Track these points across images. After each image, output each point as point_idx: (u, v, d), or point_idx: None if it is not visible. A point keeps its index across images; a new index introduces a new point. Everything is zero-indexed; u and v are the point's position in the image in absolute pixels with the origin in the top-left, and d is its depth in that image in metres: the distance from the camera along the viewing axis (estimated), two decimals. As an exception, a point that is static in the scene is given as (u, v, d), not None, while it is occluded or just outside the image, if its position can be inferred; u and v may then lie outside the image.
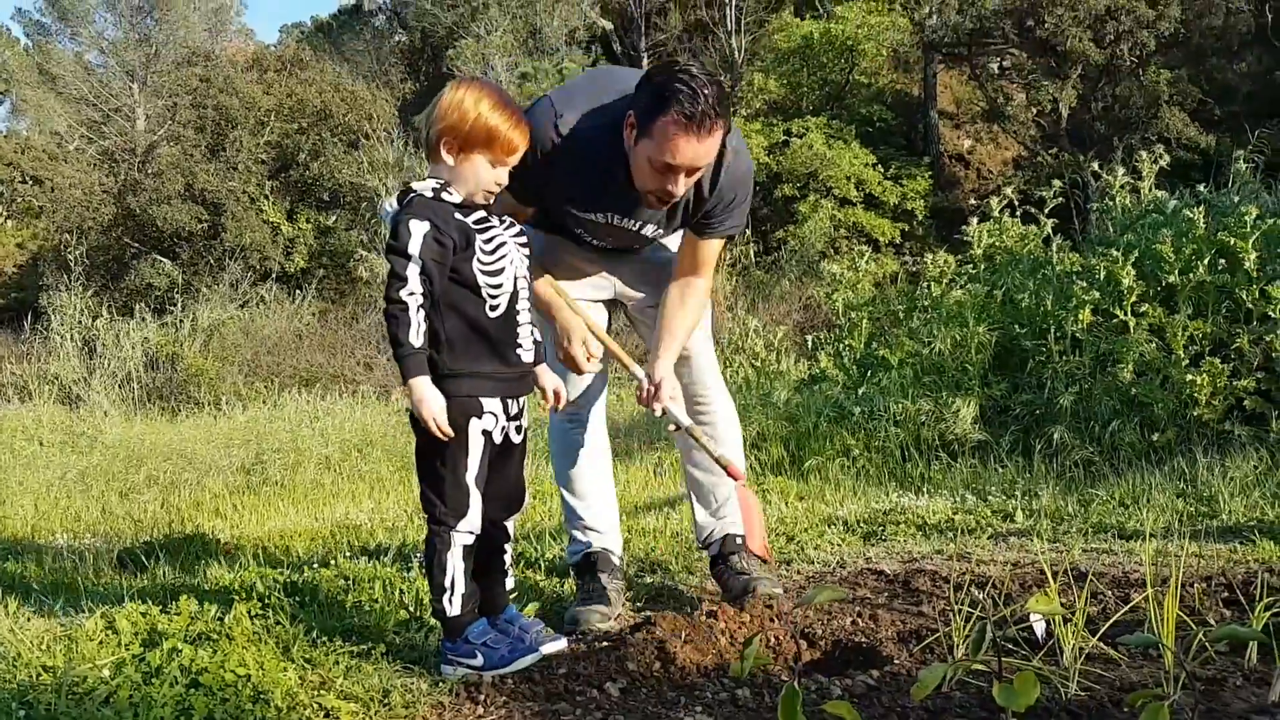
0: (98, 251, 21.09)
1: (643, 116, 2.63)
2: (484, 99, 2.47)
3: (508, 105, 2.50)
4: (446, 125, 2.48)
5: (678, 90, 2.55)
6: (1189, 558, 3.16)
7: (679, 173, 2.65)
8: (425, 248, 2.40)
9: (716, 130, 2.60)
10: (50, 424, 10.48)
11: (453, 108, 2.47)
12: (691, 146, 2.59)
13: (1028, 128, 21.30)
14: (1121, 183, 7.50)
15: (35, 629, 3.11)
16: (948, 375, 6.34)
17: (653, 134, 2.60)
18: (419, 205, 2.46)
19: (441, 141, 2.49)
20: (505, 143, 2.49)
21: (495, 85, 2.58)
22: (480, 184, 2.51)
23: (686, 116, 2.54)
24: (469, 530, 2.52)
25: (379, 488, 6.64)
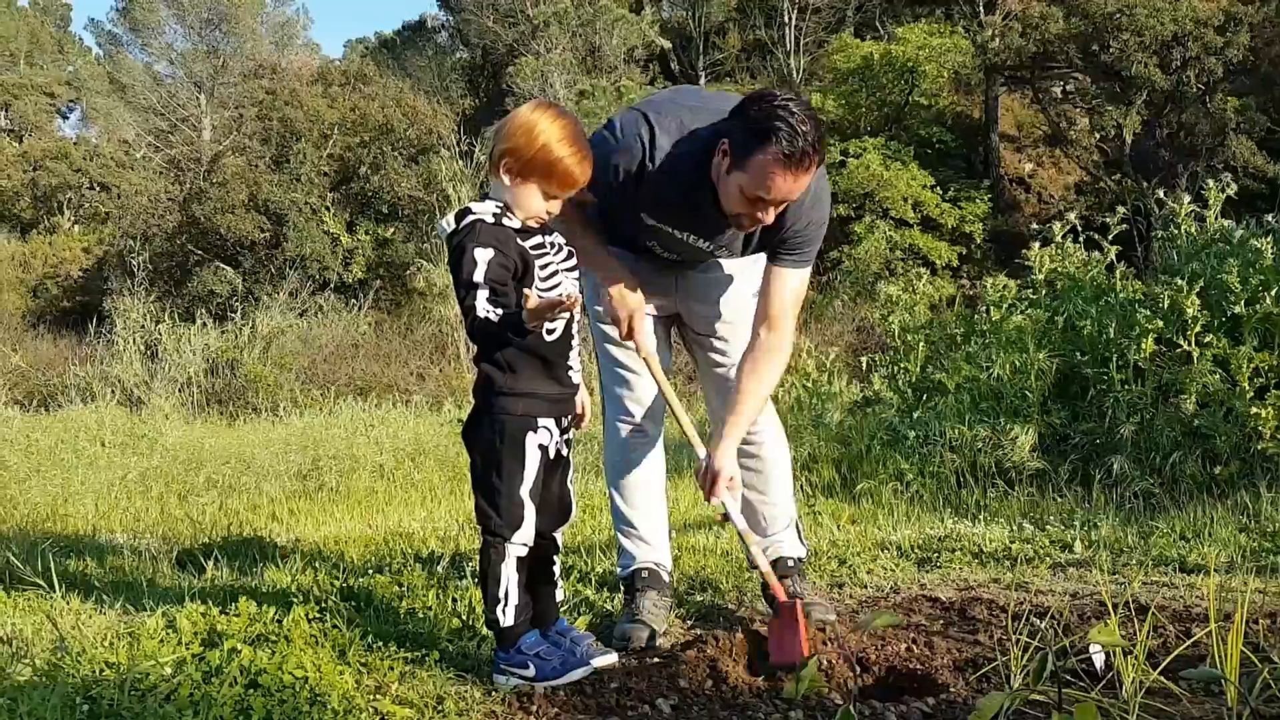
0: (161, 258, 21.57)
1: (739, 148, 2.59)
2: (554, 128, 2.46)
3: (577, 139, 2.49)
4: (511, 146, 2.48)
5: (777, 127, 2.51)
6: (1252, 593, 3.09)
7: (770, 205, 2.63)
8: (490, 273, 2.42)
9: (814, 168, 2.58)
10: (112, 425, 10.70)
11: (522, 130, 2.47)
12: (787, 183, 2.57)
13: (1090, 153, 21.07)
14: (1187, 210, 7.37)
15: (98, 625, 3.18)
16: (1006, 401, 6.26)
17: (748, 167, 2.57)
18: (483, 232, 2.47)
19: (503, 161, 2.50)
20: (563, 177, 2.49)
21: (571, 116, 2.55)
22: (532, 211, 2.53)
23: (785, 155, 2.51)
24: (523, 542, 2.55)
25: (431, 497, 6.69)
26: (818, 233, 2.92)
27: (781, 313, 2.93)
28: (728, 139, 2.64)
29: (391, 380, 14.90)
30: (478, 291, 2.40)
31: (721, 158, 2.66)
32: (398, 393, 13.74)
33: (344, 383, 14.70)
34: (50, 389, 15.48)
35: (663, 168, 2.74)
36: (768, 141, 2.52)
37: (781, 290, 2.93)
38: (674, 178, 2.75)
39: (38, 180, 30.90)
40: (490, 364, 2.55)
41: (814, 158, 2.56)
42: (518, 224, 2.52)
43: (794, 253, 2.91)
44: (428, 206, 21.19)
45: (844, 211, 20.83)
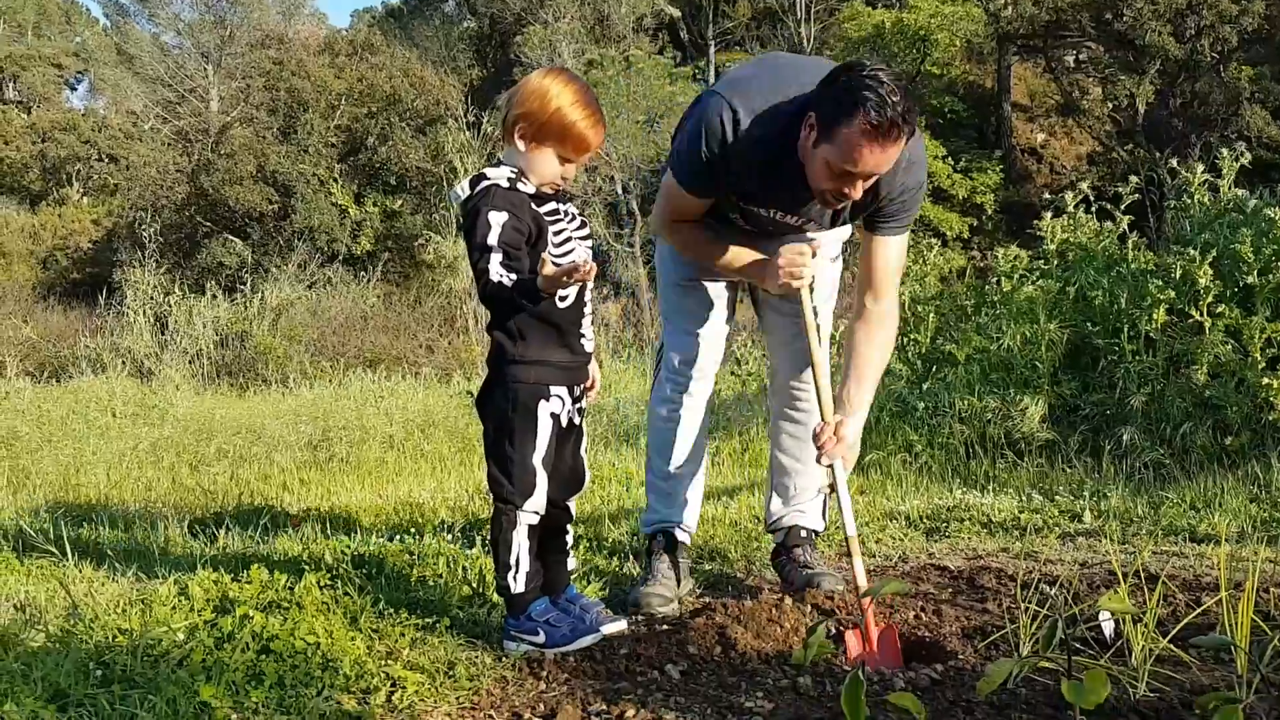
0: (171, 230, 21.58)
1: (826, 120, 2.53)
2: (566, 92, 2.50)
3: (589, 103, 2.53)
4: (525, 111, 2.51)
5: (866, 97, 2.43)
6: (1263, 562, 3.09)
7: (858, 179, 2.57)
8: (504, 236, 2.43)
9: (902, 139, 2.50)
10: (123, 396, 10.73)
11: (535, 95, 2.50)
12: (875, 155, 2.49)
13: (1103, 123, 20.91)
14: (1200, 180, 7.31)
15: (110, 592, 3.20)
16: (1016, 372, 6.25)
17: (836, 139, 2.50)
18: (497, 196, 2.48)
19: (517, 126, 2.52)
20: (578, 140, 2.53)
21: (582, 81, 2.58)
22: (546, 176, 2.55)
23: (873, 126, 2.44)
24: (534, 510, 2.57)
25: (441, 467, 6.71)
26: (915, 197, 2.86)
27: (886, 280, 2.92)
28: (814, 112, 2.57)
29: (401, 352, 14.91)
30: (491, 255, 2.41)
31: (808, 131, 2.59)
32: (407, 364, 13.76)
33: (353, 354, 14.72)
34: (61, 360, 15.53)
35: (748, 148, 2.70)
36: (855, 113, 2.44)
37: (885, 257, 2.90)
38: (760, 157, 2.72)
39: (46, 152, 30.92)
40: (502, 331, 2.55)
41: (903, 129, 2.47)
42: (532, 189, 2.53)
43: (892, 220, 2.86)
44: (435, 178, 21.14)
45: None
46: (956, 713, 2.02)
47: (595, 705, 2.10)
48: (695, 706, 2.08)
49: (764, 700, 2.12)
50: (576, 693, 2.21)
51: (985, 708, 2.03)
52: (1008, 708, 2.02)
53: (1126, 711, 1.97)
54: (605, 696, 2.16)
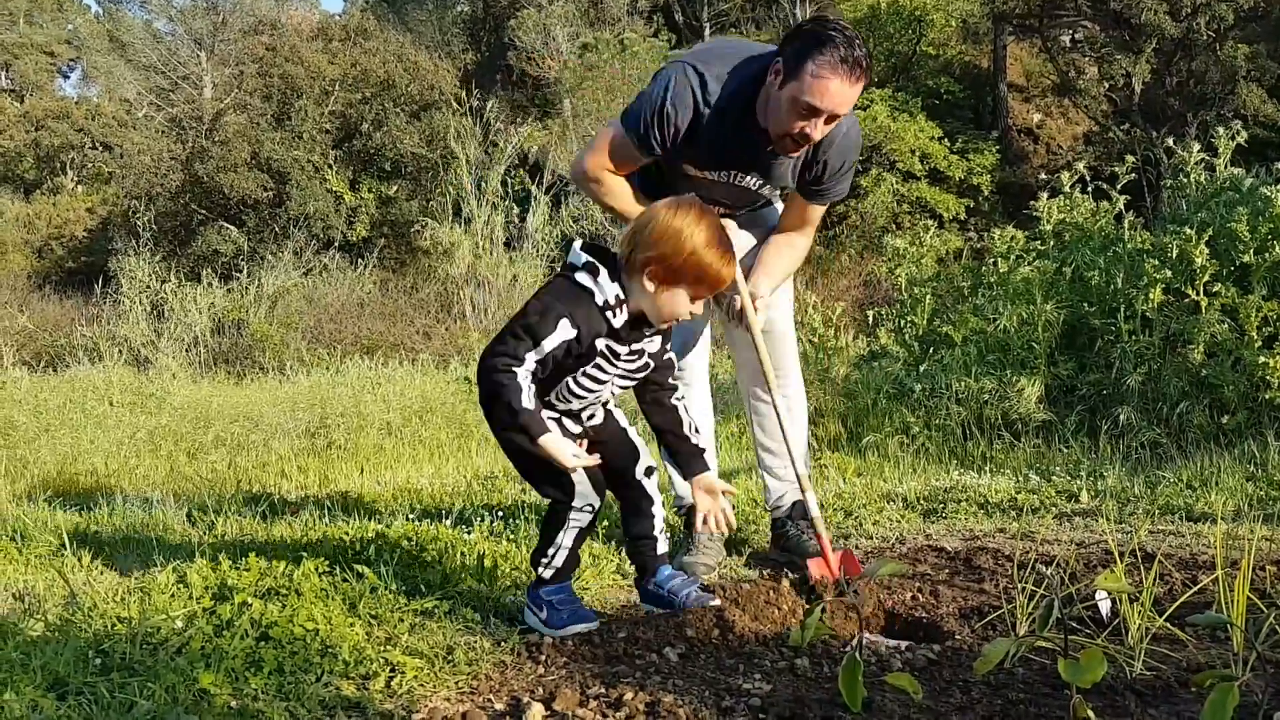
0: (166, 218, 21.50)
1: (793, 59, 2.69)
2: (700, 233, 2.41)
3: (722, 241, 2.45)
4: (658, 254, 2.42)
5: (831, 36, 2.64)
6: (1259, 540, 3.10)
7: (820, 116, 2.71)
8: (556, 350, 2.41)
9: (864, 79, 2.68)
10: (120, 385, 10.73)
11: (667, 237, 2.42)
12: (841, 89, 2.66)
13: (1099, 102, 20.83)
14: (1196, 159, 7.30)
15: (109, 581, 3.21)
16: (1013, 353, 6.25)
17: (802, 75, 2.67)
18: (583, 311, 2.43)
19: (648, 269, 2.43)
20: (714, 281, 2.46)
21: (712, 216, 2.48)
22: (673, 314, 2.49)
23: (841, 59, 2.62)
24: (587, 505, 2.54)
25: (439, 453, 6.72)
26: (846, 173, 3.06)
27: (806, 228, 3.18)
28: (780, 59, 2.74)
29: (397, 339, 14.91)
30: (529, 354, 2.40)
31: (774, 77, 2.76)
32: (404, 351, 13.76)
33: (350, 341, 14.71)
34: (57, 349, 15.51)
35: (715, 109, 2.84)
36: (823, 47, 2.64)
37: (806, 218, 3.15)
38: (726, 115, 2.85)
39: (40, 140, 30.77)
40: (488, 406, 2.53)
41: (864, 69, 2.66)
42: (619, 322, 2.47)
43: (822, 188, 3.06)
44: (431, 163, 21.07)
45: (849, 164, 20.66)
46: (953, 692, 2.03)
47: (594, 688, 2.10)
48: (693, 688, 2.08)
49: (762, 681, 2.12)
50: (575, 676, 2.21)
51: (982, 687, 2.03)
52: (1005, 687, 2.03)
53: (1123, 690, 1.97)
54: (603, 679, 2.16)
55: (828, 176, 3.01)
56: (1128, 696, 1.94)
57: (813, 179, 3.01)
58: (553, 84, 22.73)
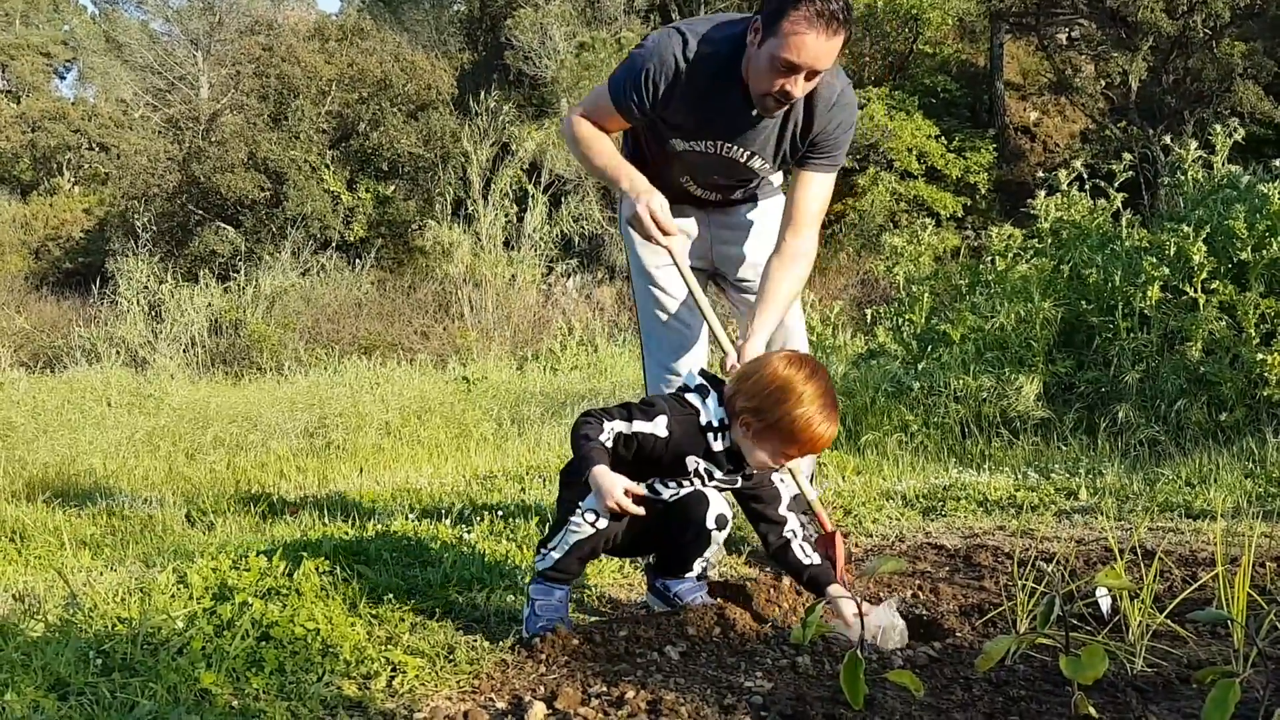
0: (163, 218, 21.48)
1: (770, 16, 2.67)
2: (808, 394, 2.33)
3: (825, 406, 2.35)
4: (753, 406, 2.37)
5: None
6: (1259, 537, 3.10)
7: (800, 72, 2.68)
8: (643, 437, 2.40)
9: (842, 32, 2.64)
10: (118, 385, 10.72)
11: (768, 391, 2.36)
12: (819, 44, 2.62)
13: (1096, 100, 20.83)
14: (1194, 157, 7.32)
15: (109, 581, 3.20)
16: (1011, 351, 6.26)
17: (780, 31, 2.63)
18: (684, 423, 2.43)
19: (741, 416, 2.40)
20: (807, 446, 2.38)
21: (822, 377, 2.38)
22: (761, 464, 2.45)
23: (817, 12, 2.58)
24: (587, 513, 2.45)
25: (438, 453, 6.71)
26: (845, 135, 2.99)
27: (806, 218, 3.00)
28: (759, 17, 2.72)
29: (395, 339, 14.90)
30: (616, 422, 2.39)
31: (753, 35, 2.73)
32: (402, 351, 13.76)
33: (348, 341, 14.70)
34: (55, 350, 15.50)
35: (696, 69, 2.82)
36: (799, 3, 2.60)
37: (807, 196, 3.00)
38: (707, 75, 2.82)
39: (36, 141, 30.75)
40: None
41: (843, 22, 2.62)
42: (720, 448, 2.45)
43: (823, 156, 2.98)
44: (428, 163, 21.06)
45: (848, 164, 20.64)
46: (955, 690, 2.03)
47: (595, 687, 2.10)
48: (695, 687, 2.08)
49: (763, 680, 2.12)
50: (576, 674, 2.21)
51: (983, 684, 2.04)
52: (1006, 684, 2.03)
53: (1124, 686, 1.98)
54: (605, 678, 2.16)
55: (824, 139, 2.95)
56: (1129, 693, 1.94)
57: (809, 145, 2.95)
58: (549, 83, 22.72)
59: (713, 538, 2.56)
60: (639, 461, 2.43)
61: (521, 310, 15.05)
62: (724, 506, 2.54)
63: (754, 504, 2.62)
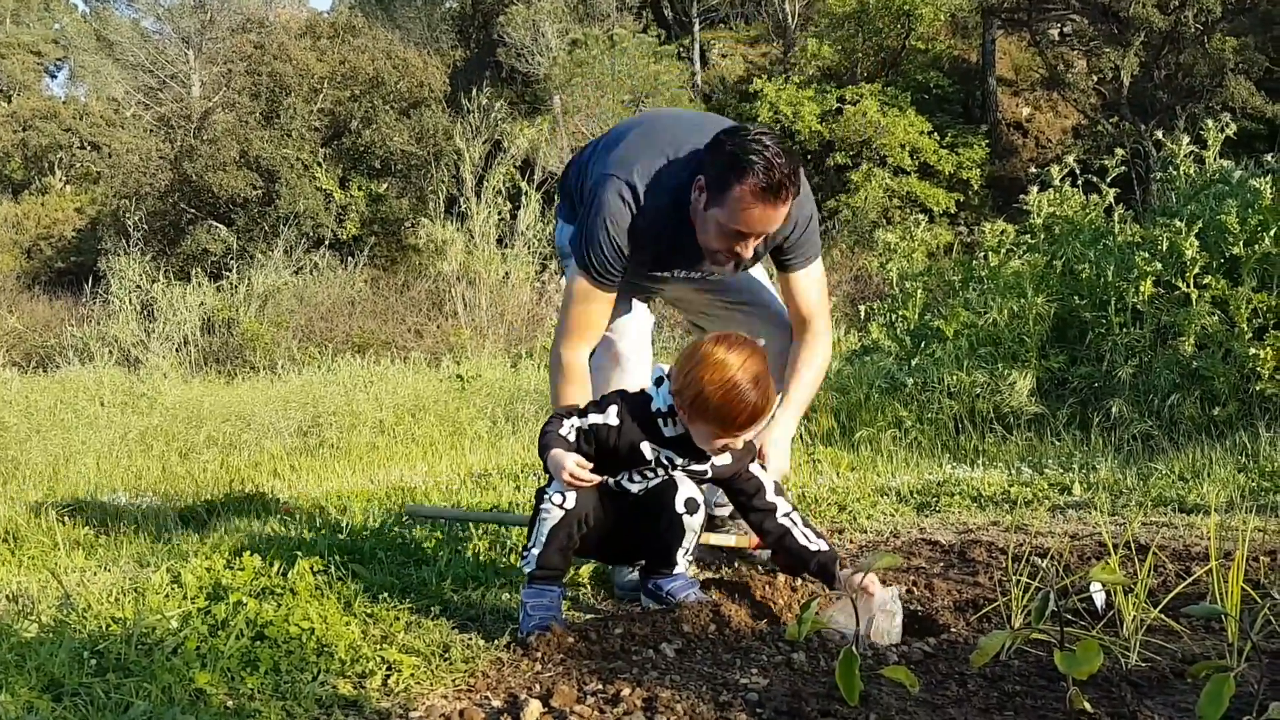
0: (155, 217, 21.42)
1: (715, 183, 2.61)
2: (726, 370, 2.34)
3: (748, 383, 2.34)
4: (676, 389, 2.42)
5: (752, 161, 2.52)
6: (1252, 531, 3.11)
7: (749, 239, 2.65)
8: (596, 429, 2.46)
9: (790, 198, 2.59)
10: (111, 385, 10.69)
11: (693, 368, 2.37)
12: (764, 215, 2.59)
13: (1088, 96, 20.88)
14: (1186, 152, 7.33)
15: (103, 582, 3.19)
16: (1004, 347, 6.27)
17: (726, 203, 2.59)
18: (636, 409, 2.48)
19: (675, 397, 2.43)
20: (727, 421, 2.38)
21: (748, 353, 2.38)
22: (705, 446, 2.47)
23: (762, 188, 2.53)
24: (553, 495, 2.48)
25: (432, 451, 6.71)
26: (811, 228, 2.92)
27: (812, 310, 2.96)
28: (703, 176, 2.65)
29: (389, 337, 14.89)
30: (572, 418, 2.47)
31: (699, 194, 2.67)
32: (396, 349, 13.74)
33: (341, 340, 14.68)
34: (47, 350, 15.47)
35: (649, 221, 2.74)
36: (744, 175, 2.54)
37: (804, 290, 2.95)
38: (660, 227, 2.75)
39: (28, 140, 30.63)
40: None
41: (790, 189, 2.57)
42: (673, 433, 2.49)
43: (796, 255, 2.91)
44: (421, 160, 21.04)
45: (841, 160, 20.72)
46: (950, 685, 2.03)
47: (591, 685, 2.10)
48: (690, 684, 2.08)
49: (759, 676, 2.12)
50: (572, 672, 2.21)
51: (978, 679, 2.04)
52: (1001, 679, 2.04)
53: (1119, 681, 1.98)
54: (601, 676, 2.16)
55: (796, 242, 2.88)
56: (1123, 687, 1.95)
57: (776, 251, 2.90)
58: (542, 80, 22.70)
59: (685, 523, 2.60)
60: (601, 456, 2.49)
61: (515, 308, 15.04)
62: (693, 490, 2.59)
63: (740, 497, 2.64)
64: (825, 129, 20.86)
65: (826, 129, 20.87)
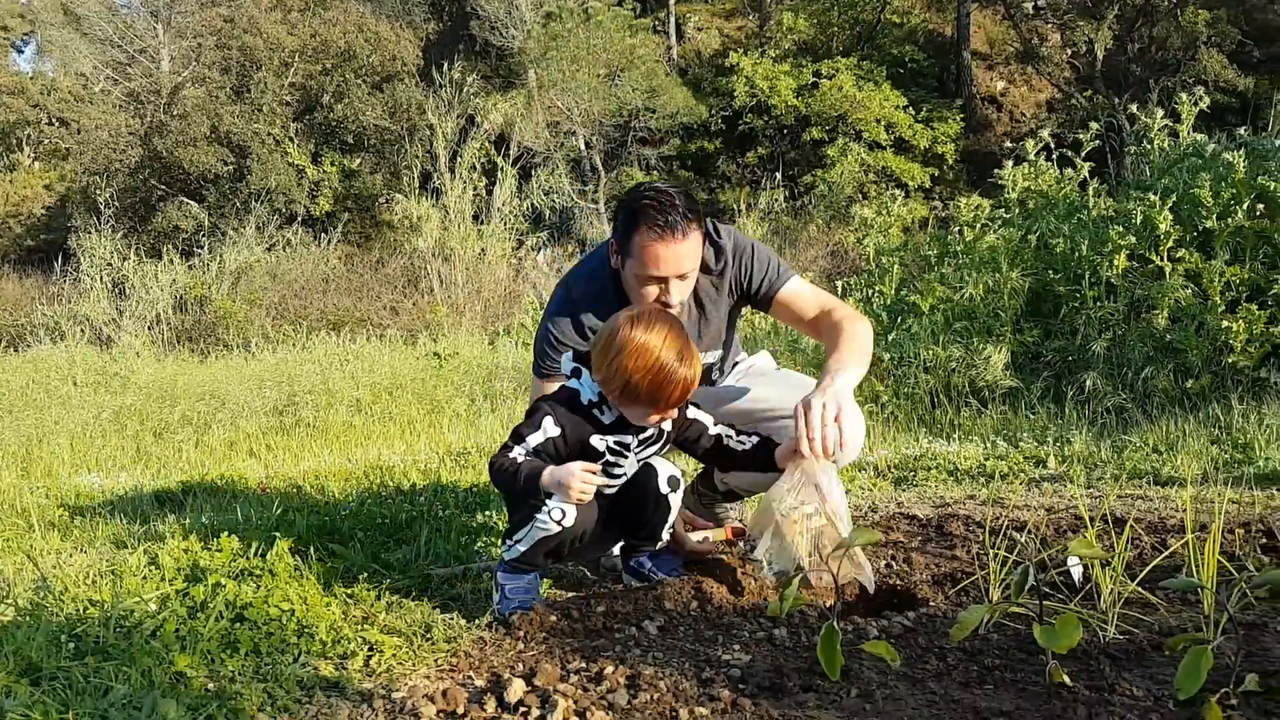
0: (125, 194, 21.14)
1: (621, 239, 2.68)
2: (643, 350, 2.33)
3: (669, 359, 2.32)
4: (604, 376, 2.39)
5: (645, 207, 2.59)
6: (1227, 504, 3.14)
7: (668, 281, 2.65)
8: (542, 447, 2.43)
9: (691, 231, 2.60)
10: (84, 364, 10.59)
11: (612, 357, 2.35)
12: (671, 252, 2.60)
13: (1062, 69, 20.93)
14: (1160, 125, 7.36)
15: (80, 564, 3.17)
16: (979, 321, 6.30)
17: (633, 251, 2.63)
18: (565, 411, 2.44)
19: (602, 387, 2.42)
20: (659, 398, 2.36)
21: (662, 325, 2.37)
22: (638, 422, 2.45)
23: (660, 227, 2.57)
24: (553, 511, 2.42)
25: (410, 430, 6.68)
26: (759, 256, 2.88)
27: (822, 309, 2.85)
28: (613, 238, 2.73)
29: (364, 314, 14.77)
30: (522, 449, 2.43)
31: (615, 258, 2.74)
32: (371, 327, 13.64)
33: (316, 318, 14.55)
34: (18, 329, 15.27)
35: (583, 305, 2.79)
36: (639, 224, 2.60)
37: (798, 303, 2.87)
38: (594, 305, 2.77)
39: (-7, 116, 30.12)
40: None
41: (688, 224, 2.59)
42: (609, 419, 2.46)
43: (761, 282, 2.87)
44: (394, 135, 20.84)
45: (817, 135, 20.67)
46: (930, 659, 2.05)
47: (574, 663, 2.10)
48: (673, 661, 2.09)
49: (741, 652, 2.13)
50: (555, 651, 2.21)
51: (958, 653, 2.06)
52: (980, 653, 2.05)
53: (1097, 654, 2.00)
54: (583, 654, 2.17)
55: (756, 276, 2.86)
56: (1101, 660, 1.97)
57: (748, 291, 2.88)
58: (517, 54, 22.51)
59: (670, 501, 2.61)
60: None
61: (492, 284, 14.96)
62: (671, 468, 2.60)
63: (691, 447, 2.64)
64: (801, 103, 20.81)
65: (803, 103, 20.81)
